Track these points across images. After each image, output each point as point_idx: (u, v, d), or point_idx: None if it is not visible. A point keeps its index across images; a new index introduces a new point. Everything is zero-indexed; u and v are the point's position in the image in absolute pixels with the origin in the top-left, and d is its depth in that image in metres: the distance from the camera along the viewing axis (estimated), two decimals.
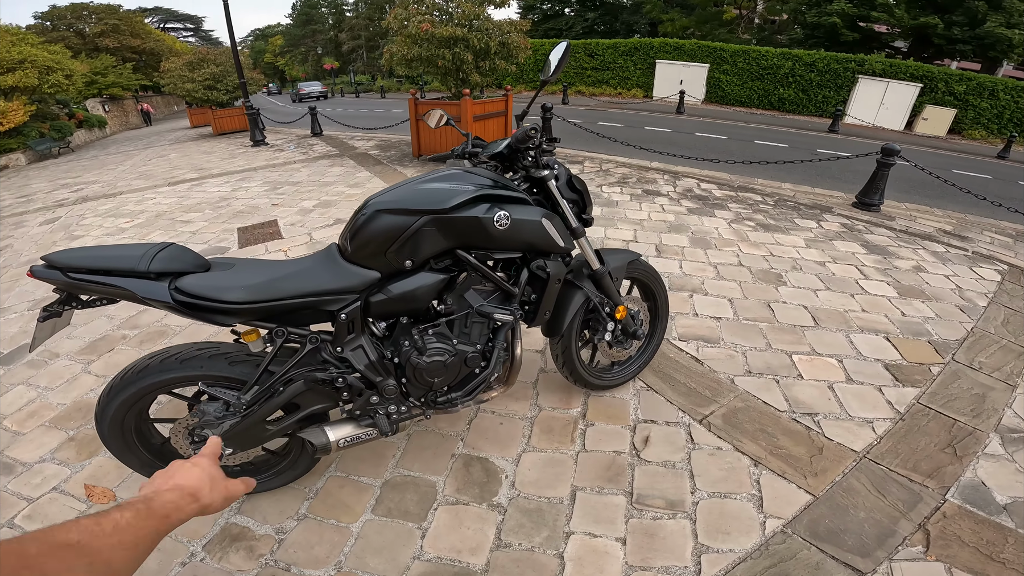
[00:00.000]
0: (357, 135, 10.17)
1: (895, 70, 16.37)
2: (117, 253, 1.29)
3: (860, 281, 3.41)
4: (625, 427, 2.00)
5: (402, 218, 1.39)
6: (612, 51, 20.69)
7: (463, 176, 1.49)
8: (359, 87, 37.49)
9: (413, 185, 1.46)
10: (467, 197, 1.42)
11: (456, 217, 1.41)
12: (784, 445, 1.91)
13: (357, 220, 1.42)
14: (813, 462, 1.84)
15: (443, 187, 1.44)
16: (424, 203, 1.40)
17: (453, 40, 6.14)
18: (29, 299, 3.52)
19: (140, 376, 1.40)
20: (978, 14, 16.71)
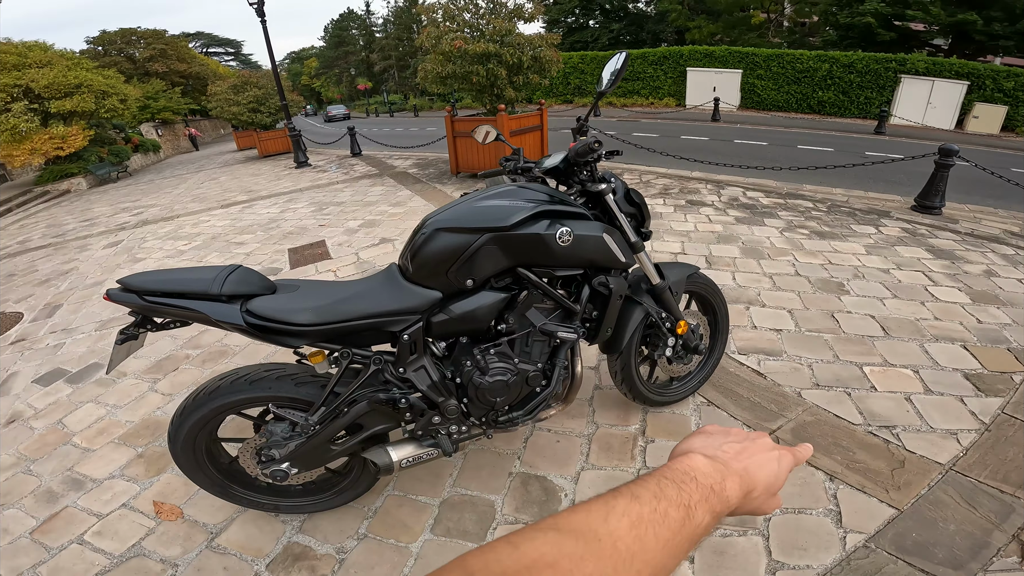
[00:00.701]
0: (395, 154, 10.46)
1: (939, 68, 15.87)
2: (189, 276, 1.35)
3: (929, 288, 3.26)
4: None
5: (462, 237, 1.40)
6: (641, 61, 20.73)
7: (521, 192, 1.49)
8: (392, 106, 38.57)
9: (471, 203, 1.46)
10: (528, 214, 1.42)
11: (517, 234, 1.41)
12: (862, 459, 1.84)
13: (416, 240, 1.43)
14: (895, 475, 1.77)
15: (502, 204, 1.44)
16: (484, 221, 1.40)
17: (486, 56, 6.26)
18: (96, 320, 3.75)
19: (211, 397, 1.45)
20: (1016, 9, 15.88)
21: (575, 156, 1.56)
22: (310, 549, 1.67)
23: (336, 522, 1.75)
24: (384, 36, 51.53)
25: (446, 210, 1.46)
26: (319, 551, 1.66)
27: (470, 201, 1.47)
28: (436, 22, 6.74)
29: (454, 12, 6.58)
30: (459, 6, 6.62)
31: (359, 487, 1.77)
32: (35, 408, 2.71)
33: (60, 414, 2.61)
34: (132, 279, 1.33)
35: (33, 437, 2.45)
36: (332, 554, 1.64)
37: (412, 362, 1.48)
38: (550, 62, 6.65)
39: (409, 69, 44.91)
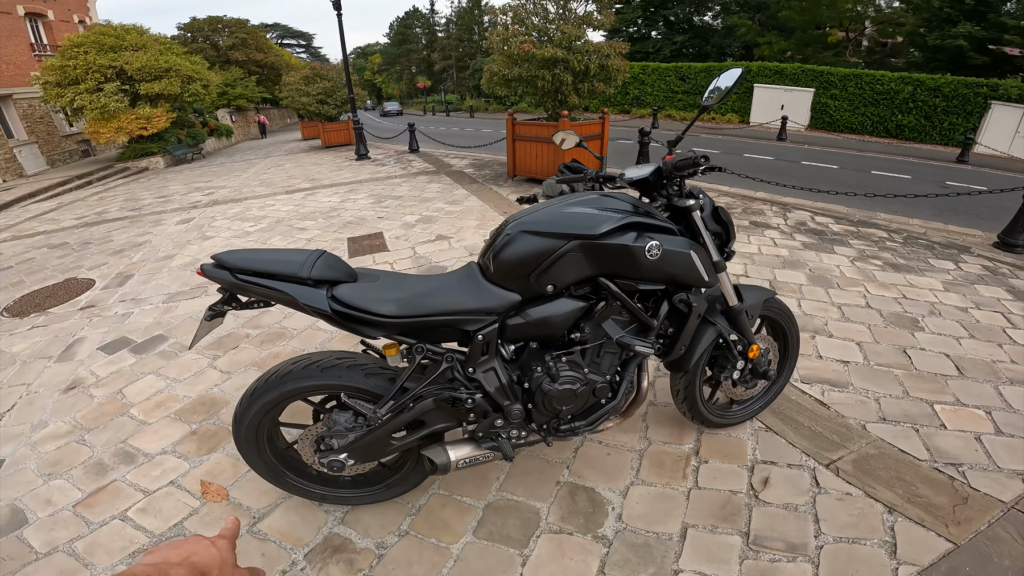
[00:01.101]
0: (451, 153, 10.71)
1: None
2: (280, 257, 1.37)
3: (1008, 330, 3.11)
4: (742, 467, 1.96)
5: (549, 241, 1.40)
6: (705, 75, 20.52)
7: (609, 201, 1.50)
8: (449, 106, 39.39)
9: (559, 208, 1.47)
10: (617, 224, 1.42)
11: (606, 244, 1.42)
12: (924, 493, 1.82)
13: (499, 240, 1.45)
14: (956, 511, 1.75)
15: (591, 212, 1.44)
16: (573, 227, 1.41)
17: (554, 61, 6.29)
18: (164, 292, 3.98)
19: (283, 381, 1.47)
20: None
21: (673, 169, 1.54)
22: (350, 542, 1.68)
23: (378, 517, 1.77)
24: (446, 36, 52.79)
25: (532, 213, 1.48)
26: (359, 545, 1.67)
27: (558, 206, 1.48)
28: (505, 24, 6.83)
29: (523, 15, 6.65)
30: (529, 10, 6.68)
31: (408, 483, 1.78)
32: (97, 376, 2.77)
33: (121, 384, 2.67)
34: (226, 255, 1.35)
35: (92, 406, 2.50)
36: (372, 549, 1.66)
37: (483, 363, 1.50)
38: (617, 71, 6.64)
39: (468, 70, 45.75)
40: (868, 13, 23.70)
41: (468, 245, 4.51)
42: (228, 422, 2.25)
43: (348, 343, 2.90)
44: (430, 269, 3.99)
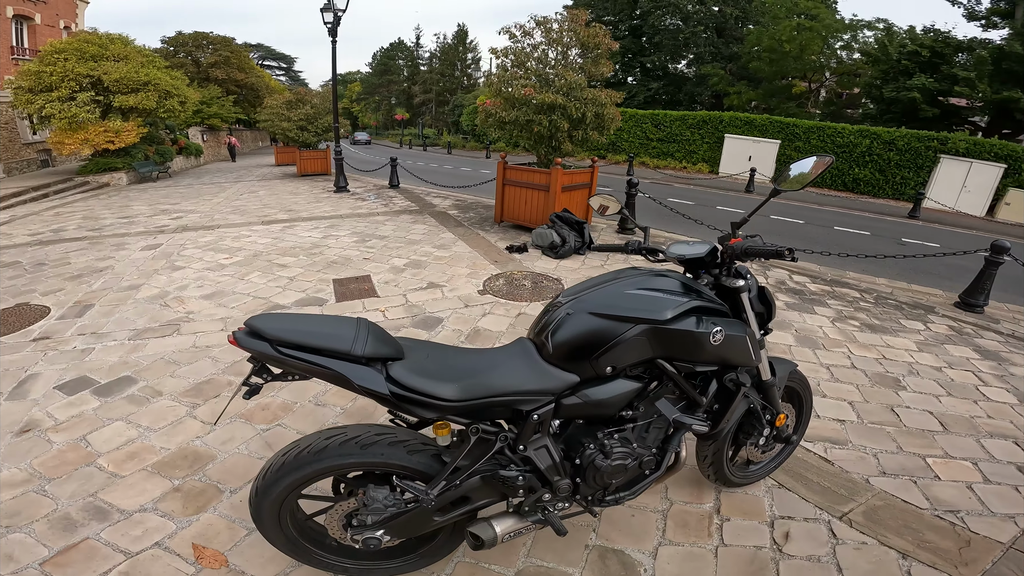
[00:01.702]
0: (433, 191, 10.81)
1: (979, 149, 16.02)
2: (326, 330, 1.29)
3: (980, 388, 3.46)
4: (762, 523, 2.10)
5: (614, 324, 1.44)
6: (680, 123, 21.24)
7: (665, 281, 1.57)
8: (426, 140, 39.87)
9: (620, 289, 1.53)
10: (683, 309, 1.48)
11: (672, 330, 1.47)
12: (931, 539, 2.02)
13: (558, 319, 1.46)
14: (962, 553, 1.95)
15: (656, 296, 1.50)
16: (640, 311, 1.46)
17: (552, 107, 6.47)
18: (130, 327, 3.72)
19: (318, 458, 1.39)
20: None
21: (743, 255, 1.58)
22: None
23: None
24: (428, 70, 53.97)
25: (591, 292, 1.53)
26: None
27: (616, 285, 1.54)
28: (505, 66, 7.03)
29: (524, 59, 6.87)
30: (529, 54, 6.90)
31: (441, 553, 1.73)
32: (55, 419, 2.56)
33: (84, 429, 2.48)
34: (262, 322, 1.24)
35: (51, 452, 2.30)
36: None
37: (534, 441, 1.51)
38: (611, 120, 6.90)
39: (448, 105, 46.72)
40: (830, 64, 25.78)
41: (462, 295, 4.55)
42: (217, 479, 2.19)
43: (345, 397, 2.82)
44: (425, 320, 3.98)
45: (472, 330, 3.84)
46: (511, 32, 6.97)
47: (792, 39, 23.47)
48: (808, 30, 23.46)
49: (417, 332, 3.77)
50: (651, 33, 31.04)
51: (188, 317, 3.96)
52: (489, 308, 4.28)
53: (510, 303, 4.42)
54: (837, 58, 25.49)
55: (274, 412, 2.70)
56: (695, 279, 1.72)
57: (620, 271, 1.66)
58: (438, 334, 3.75)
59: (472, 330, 3.84)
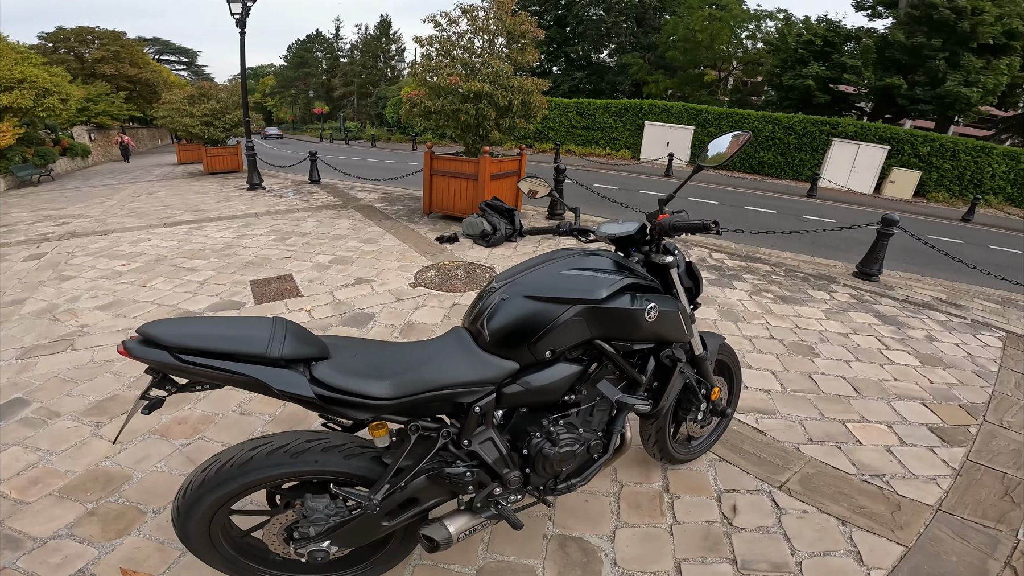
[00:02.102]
0: (357, 185, 10.35)
1: (866, 132, 17.68)
2: (235, 332, 1.15)
3: (884, 352, 3.74)
4: (710, 498, 2.17)
5: (550, 307, 1.40)
6: (603, 111, 21.82)
7: (598, 260, 1.55)
8: (348, 134, 38.26)
9: (554, 270, 1.49)
10: (617, 287, 1.47)
11: (608, 308, 1.46)
12: (864, 504, 2.15)
13: (493, 305, 1.42)
14: (895, 517, 2.09)
15: (590, 275, 1.48)
16: (575, 291, 1.43)
17: (478, 95, 6.37)
18: (17, 345, 3.35)
19: (242, 471, 1.26)
20: (939, 73, 18.21)
21: (671, 230, 1.59)
22: None
23: None
24: (349, 62, 52.06)
25: (524, 275, 1.48)
26: None
27: (551, 268, 1.50)
28: (430, 55, 6.82)
29: (450, 48, 6.70)
30: (455, 43, 6.74)
31: (396, 558, 1.64)
32: None
33: None
34: (157, 328, 1.09)
35: None
36: None
37: (479, 434, 1.45)
38: (538, 107, 6.89)
39: (371, 97, 45.20)
40: (737, 54, 27.50)
41: (393, 289, 4.37)
42: (136, 500, 2.04)
43: (273, 405, 2.62)
44: (355, 317, 3.78)
45: (406, 324, 3.69)
46: (436, 20, 6.77)
47: (704, 29, 24.79)
48: (719, 20, 24.88)
49: (347, 330, 3.57)
50: (575, 23, 31.59)
51: (82, 331, 3.50)
52: (422, 300, 4.14)
53: (443, 294, 4.30)
54: (743, 48, 27.29)
55: (193, 425, 2.47)
56: (626, 257, 1.71)
57: (553, 252, 1.63)
58: (370, 331, 3.57)
59: (406, 324, 3.69)
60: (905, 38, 18.88)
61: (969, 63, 17.83)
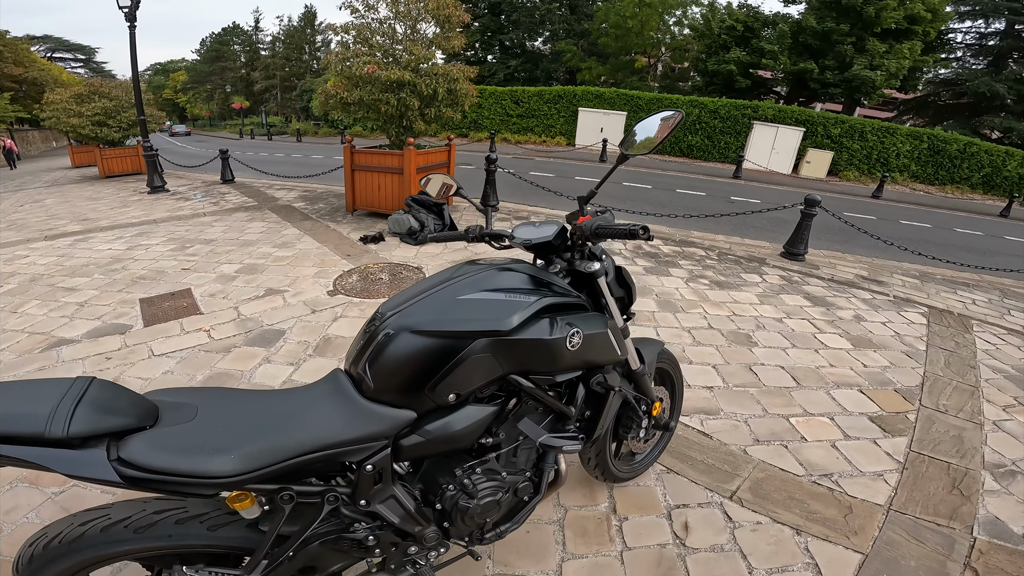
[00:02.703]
0: (276, 183, 9.54)
1: (783, 115, 18.74)
2: (6, 406, 0.87)
3: (817, 336, 3.75)
4: (660, 516, 2.00)
5: (449, 342, 1.14)
6: (537, 98, 21.82)
7: (509, 277, 1.28)
8: (271, 129, 36.05)
9: (450, 294, 1.21)
10: (532, 312, 1.21)
11: (520, 340, 1.19)
12: (816, 509, 2.05)
13: (378, 343, 1.14)
14: (848, 521, 2.00)
15: (497, 300, 1.21)
16: (478, 322, 1.16)
17: (400, 84, 5.94)
18: None
19: (72, 549, 1.02)
20: (846, 57, 19.44)
21: (593, 236, 1.33)
22: None
23: None
24: (271, 55, 49.59)
25: (414, 303, 1.19)
26: None
27: (447, 291, 1.21)
28: (346, 44, 6.27)
29: (368, 35, 6.19)
30: (374, 29, 6.23)
31: None
32: None
33: None
34: None
35: None
36: None
37: (377, 493, 1.18)
38: (465, 95, 6.55)
39: (296, 91, 42.94)
40: (665, 40, 28.14)
41: (308, 299, 3.92)
42: (8, 554, 1.74)
43: None
44: (262, 335, 3.33)
45: (321, 339, 3.28)
46: (353, 6, 6.25)
47: (634, 15, 25.20)
48: (648, 6, 25.35)
49: (253, 350, 3.13)
50: (509, 10, 31.28)
51: None
52: (341, 310, 3.72)
53: (366, 301, 3.90)
54: (671, 34, 27.98)
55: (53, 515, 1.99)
56: (546, 266, 1.47)
57: (457, 268, 1.35)
58: (279, 350, 3.14)
59: (321, 339, 3.28)
60: (816, 23, 19.98)
61: (874, 47, 19.21)
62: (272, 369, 2.93)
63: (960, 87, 22.77)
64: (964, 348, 3.77)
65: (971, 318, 4.42)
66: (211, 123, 53.93)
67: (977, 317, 4.47)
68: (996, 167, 17.94)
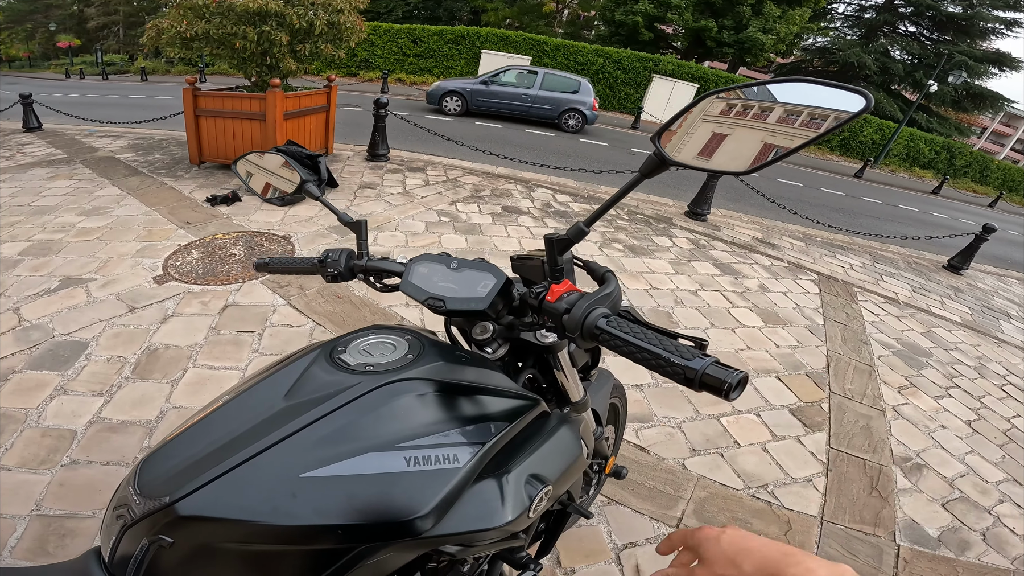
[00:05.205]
0: (100, 130, 7.50)
1: (682, 71, 19.32)
2: None
3: (731, 311, 3.64)
4: (609, 562, 1.72)
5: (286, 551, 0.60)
6: (438, 38, 20.29)
7: (410, 405, 0.67)
8: (107, 68, 29.91)
9: (286, 463, 0.60)
10: (454, 484, 0.63)
11: (440, 538, 0.63)
12: (759, 529, 1.93)
13: (148, 560, 0.59)
14: (789, 539, 1.90)
15: (381, 473, 0.61)
16: (362, 515, 0.58)
17: (263, 15, 4.69)
18: None
19: None
20: (743, 19, 20.18)
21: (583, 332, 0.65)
22: None
23: None
24: None
25: (214, 479, 0.58)
26: None
27: (279, 452, 0.60)
28: None
29: None
30: None
31: None
32: None
33: None
34: None
35: None
36: None
37: None
38: (351, 30, 5.42)
39: (142, 27, 35.97)
40: None
41: (125, 291, 2.93)
42: None
43: None
44: (53, 351, 2.39)
45: (145, 353, 2.41)
46: None
47: None
48: None
49: (40, 376, 2.21)
50: None
51: None
52: (173, 306, 2.80)
53: (209, 289, 3.00)
54: None
55: None
56: (468, 328, 0.88)
57: (300, 372, 0.71)
58: (80, 372, 2.25)
59: (145, 353, 2.41)
60: None
61: (769, 11, 20.13)
62: (71, 404, 2.09)
63: (832, 56, 24.60)
64: (854, 320, 3.91)
65: (853, 285, 4.66)
66: (30, 64, 45.19)
67: (857, 284, 4.71)
68: (854, 132, 20.04)
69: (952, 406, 3.00)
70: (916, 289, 4.94)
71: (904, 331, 3.87)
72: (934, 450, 2.56)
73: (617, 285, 0.81)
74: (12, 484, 1.74)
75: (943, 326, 4.19)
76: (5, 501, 1.68)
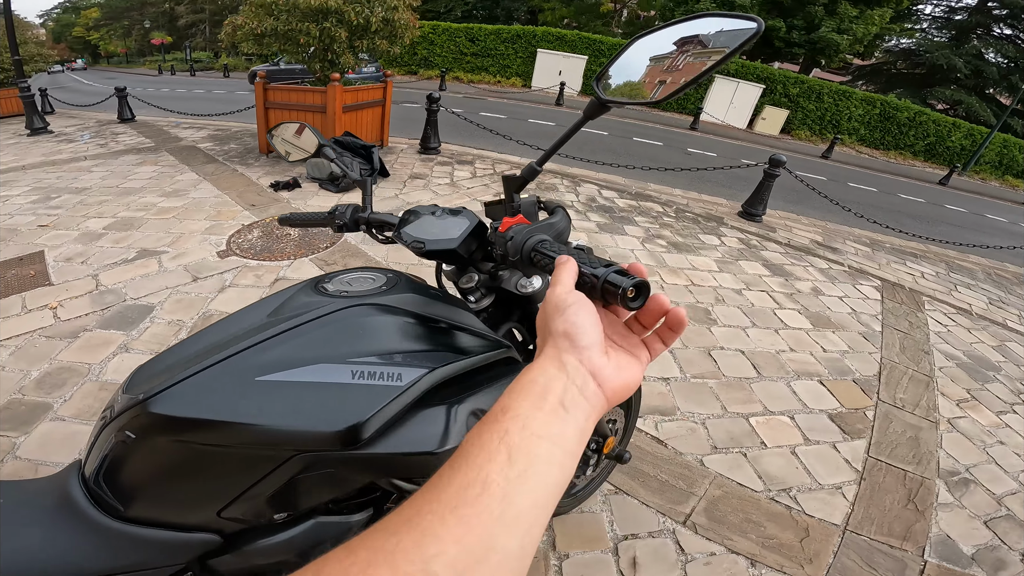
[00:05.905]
0: (185, 122, 8.22)
1: (745, 71, 18.43)
2: None
3: (777, 312, 3.48)
4: (606, 551, 1.69)
5: (235, 454, 0.66)
6: (494, 37, 20.48)
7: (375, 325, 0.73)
8: (195, 64, 32.47)
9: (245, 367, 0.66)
10: (395, 411, 0.66)
11: (375, 456, 0.67)
12: (773, 533, 1.82)
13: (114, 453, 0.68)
14: (804, 547, 1.79)
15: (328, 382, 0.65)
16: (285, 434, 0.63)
17: (323, 12, 4.97)
18: None
19: None
20: (815, 19, 19.07)
21: (523, 258, 0.68)
22: None
23: None
24: None
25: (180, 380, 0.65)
26: None
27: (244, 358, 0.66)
28: None
29: None
30: None
31: None
32: None
33: None
34: None
35: None
36: None
37: None
38: (405, 27, 5.65)
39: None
40: None
41: (191, 263, 3.23)
42: None
43: None
44: (123, 313, 2.67)
45: (200, 316, 2.65)
46: None
47: None
48: None
49: (107, 335, 2.47)
50: None
51: None
52: (231, 278, 3.06)
53: (264, 264, 3.25)
54: None
55: None
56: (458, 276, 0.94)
57: (286, 298, 0.79)
58: (143, 333, 2.49)
59: (200, 316, 2.65)
60: None
61: (844, 11, 18.87)
62: (130, 360, 2.32)
63: (919, 58, 22.82)
64: (917, 330, 3.63)
65: (922, 294, 4.31)
66: (127, 60, 49.46)
67: (927, 293, 4.36)
68: (941, 137, 18.37)
69: (1015, 422, 2.73)
70: (993, 301, 4.51)
71: (973, 343, 3.55)
72: (987, 466, 2.35)
73: (565, 217, 0.86)
74: (63, 435, 1.89)
75: (1018, 340, 3.81)
76: (53, 451, 1.82)
